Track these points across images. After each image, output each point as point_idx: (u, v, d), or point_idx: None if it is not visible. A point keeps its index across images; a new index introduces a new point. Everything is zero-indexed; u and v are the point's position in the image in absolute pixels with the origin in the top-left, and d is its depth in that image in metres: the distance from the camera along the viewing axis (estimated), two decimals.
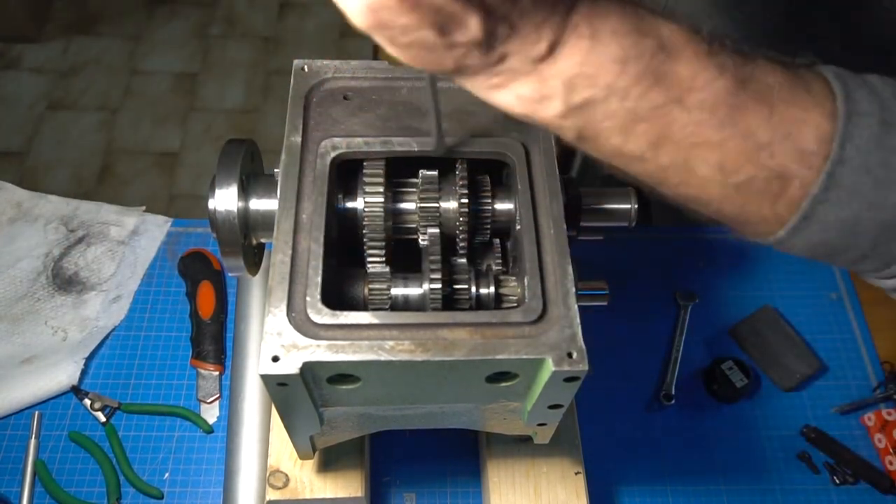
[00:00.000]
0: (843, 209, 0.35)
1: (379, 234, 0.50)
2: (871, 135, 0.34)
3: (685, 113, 0.33)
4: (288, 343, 0.43)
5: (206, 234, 0.87)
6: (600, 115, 0.33)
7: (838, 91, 0.35)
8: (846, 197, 0.35)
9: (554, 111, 0.33)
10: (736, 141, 0.34)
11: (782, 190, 0.35)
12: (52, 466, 0.72)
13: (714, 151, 0.34)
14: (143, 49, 2.17)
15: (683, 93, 0.33)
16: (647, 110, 0.33)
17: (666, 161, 0.35)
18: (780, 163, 0.34)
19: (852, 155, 0.34)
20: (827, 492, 0.74)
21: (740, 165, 0.34)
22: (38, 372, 0.76)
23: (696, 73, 0.33)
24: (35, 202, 0.89)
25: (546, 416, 0.52)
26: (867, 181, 0.34)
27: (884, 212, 0.35)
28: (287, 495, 0.63)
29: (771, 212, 0.36)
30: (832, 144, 0.34)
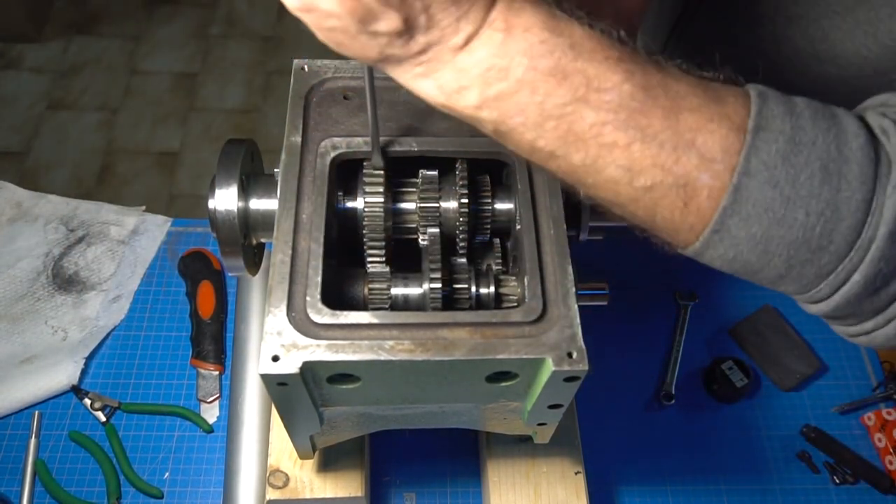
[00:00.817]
0: (752, 224, 0.36)
1: (379, 233, 0.50)
2: (778, 150, 0.35)
3: (592, 112, 0.35)
4: (288, 343, 0.43)
5: (206, 234, 0.87)
6: (513, 108, 0.35)
7: (753, 106, 0.36)
8: (754, 211, 0.35)
9: (471, 101, 0.35)
10: (640, 144, 0.35)
11: (690, 198, 0.36)
12: (52, 466, 0.72)
13: (621, 153, 0.35)
14: (143, 49, 2.17)
15: (590, 92, 0.34)
16: (555, 107, 0.35)
17: (577, 160, 0.36)
18: (685, 169, 0.35)
19: (759, 168, 0.35)
20: (827, 491, 0.74)
21: (646, 168, 0.35)
22: (39, 371, 0.76)
23: (603, 75, 0.35)
24: (35, 202, 0.89)
25: (546, 415, 0.52)
26: (775, 196, 0.35)
27: (793, 230, 0.36)
28: (287, 495, 0.63)
29: (682, 220, 0.37)
30: (739, 157, 0.35)
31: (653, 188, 0.36)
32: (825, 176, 0.35)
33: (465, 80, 0.35)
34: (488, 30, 0.34)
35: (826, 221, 0.35)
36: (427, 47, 0.34)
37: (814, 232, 0.36)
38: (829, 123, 0.36)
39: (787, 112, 0.36)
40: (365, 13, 0.32)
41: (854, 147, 0.36)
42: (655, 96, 0.35)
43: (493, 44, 0.34)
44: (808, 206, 0.35)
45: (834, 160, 0.35)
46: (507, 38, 0.34)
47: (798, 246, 0.36)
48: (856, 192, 0.35)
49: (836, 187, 0.35)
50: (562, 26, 0.35)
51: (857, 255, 0.36)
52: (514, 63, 0.34)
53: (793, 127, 0.35)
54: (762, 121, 0.35)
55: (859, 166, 0.35)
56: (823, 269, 0.37)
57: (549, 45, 0.34)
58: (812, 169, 0.35)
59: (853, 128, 0.36)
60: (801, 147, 0.35)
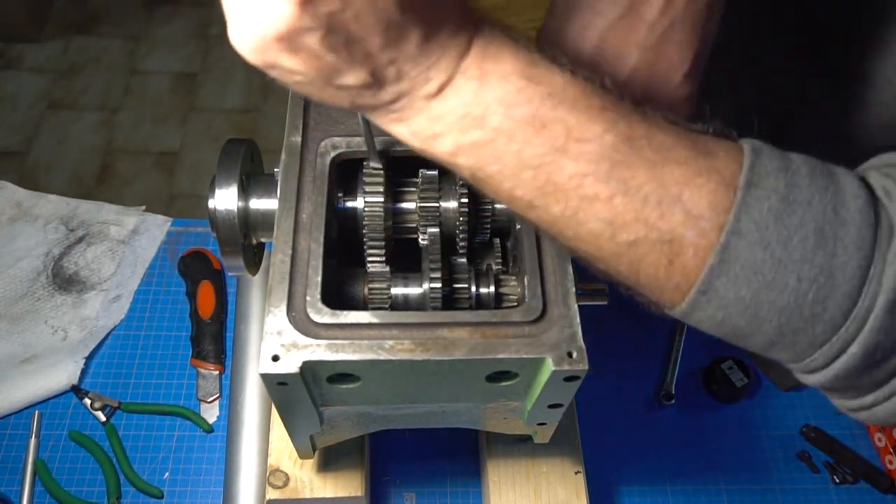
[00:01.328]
0: (740, 287, 0.34)
1: (379, 233, 0.50)
2: (771, 209, 0.33)
3: (572, 163, 0.33)
4: (288, 342, 0.43)
5: (206, 234, 0.87)
6: (489, 157, 0.34)
7: (746, 161, 0.34)
8: (743, 273, 0.33)
9: (445, 148, 0.34)
10: (623, 197, 0.33)
11: (675, 256, 0.34)
12: (52, 466, 0.72)
13: (602, 206, 0.34)
14: (143, 49, 2.17)
15: (569, 142, 0.33)
16: (533, 156, 0.33)
17: (556, 211, 0.35)
18: (671, 225, 0.33)
19: (749, 228, 0.33)
20: (827, 491, 0.74)
21: (629, 223, 0.34)
22: (39, 371, 0.76)
23: (584, 125, 0.33)
24: (35, 202, 0.89)
25: (546, 415, 0.52)
26: (766, 258, 0.33)
27: (784, 295, 0.33)
28: (287, 494, 0.63)
29: (667, 278, 0.35)
30: (728, 214, 0.33)
31: (636, 244, 0.34)
32: (820, 239, 0.33)
33: (440, 127, 0.34)
34: (462, 77, 0.33)
35: (819, 288, 0.33)
36: (398, 97, 0.33)
37: (806, 298, 0.33)
38: (827, 182, 0.34)
39: (781, 168, 0.34)
40: (329, 70, 0.31)
41: (852, 209, 0.33)
42: (640, 148, 0.33)
43: (468, 91, 0.33)
44: (800, 270, 0.33)
45: (830, 222, 0.33)
46: (481, 85, 0.33)
47: (790, 312, 0.34)
48: (852, 258, 0.33)
49: (831, 252, 0.33)
50: (541, 74, 0.33)
51: (854, 326, 0.34)
52: (489, 111, 0.33)
53: (787, 184, 0.33)
54: (754, 176, 0.33)
55: (857, 229, 0.33)
56: (817, 338, 0.35)
57: (526, 94, 0.33)
58: (806, 231, 0.33)
59: (852, 188, 0.34)
60: (796, 206, 0.33)
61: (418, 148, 0.35)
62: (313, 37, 0.30)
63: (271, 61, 0.31)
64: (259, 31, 0.30)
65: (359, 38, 0.30)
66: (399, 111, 0.34)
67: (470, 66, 0.33)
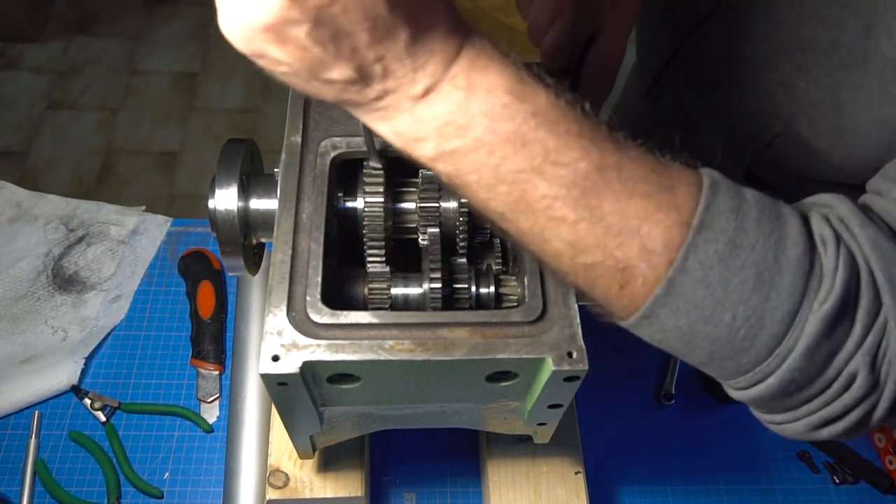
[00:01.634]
0: (680, 317, 0.36)
1: (379, 233, 0.50)
2: (717, 251, 0.35)
3: (545, 184, 0.34)
4: (288, 342, 0.43)
5: (206, 234, 0.87)
6: (468, 166, 0.35)
7: (702, 201, 0.36)
8: (684, 306, 0.36)
9: (427, 152, 0.35)
10: (587, 223, 0.35)
11: (626, 283, 0.36)
12: (52, 466, 0.72)
13: (567, 228, 0.35)
14: (143, 49, 2.17)
15: (546, 164, 0.34)
16: (510, 172, 0.35)
17: (525, 227, 0.36)
18: (627, 255, 0.35)
19: (695, 267, 0.35)
20: (827, 491, 0.74)
21: (589, 247, 0.36)
22: (38, 371, 0.76)
23: (561, 149, 0.34)
24: (35, 202, 0.89)
25: (546, 415, 0.52)
26: (706, 296, 0.35)
27: (718, 329, 0.36)
28: (287, 495, 0.63)
29: (616, 300, 0.37)
30: (678, 252, 0.35)
31: (593, 267, 0.36)
32: (757, 283, 0.35)
33: (423, 131, 0.34)
34: (449, 85, 0.33)
35: (750, 327, 0.36)
36: (383, 94, 0.34)
37: (738, 334, 0.36)
38: (773, 226, 0.36)
39: (733, 210, 0.36)
40: (315, 63, 0.32)
41: (791, 256, 0.36)
42: (609, 178, 0.35)
43: (454, 100, 0.34)
44: (735, 309, 0.36)
45: (769, 268, 0.35)
46: (468, 96, 0.33)
47: (721, 344, 0.37)
48: (783, 304, 0.36)
49: (765, 296, 0.35)
50: (527, 92, 0.34)
51: (775, 362, 0.37)
52: (473, 122, 0.34)
53: (736, 228, 0.35)
54: (707, 218, 0.35)
55: (792, 278, 0.35)
56: (743, 367, 0.38)
57: (510, 110, 0.34)
58: (746, 274, 0.35)
59: (794, 233, 0.36)
60: (740, 250, 0.35)
61: (400, 147, 0.36)
62: (301, 29, 0.30)
63: (259, 51, 0.32)
64: (247, 21, 0.30)
65: (346, 32, 0.31)
66: (384, 109, 0.34)
67: (458, 75, 0.33)
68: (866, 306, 0.36)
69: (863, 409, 0.38)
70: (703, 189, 0.36)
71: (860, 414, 0.38)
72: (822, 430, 0.39)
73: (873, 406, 0.38)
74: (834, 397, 0.37)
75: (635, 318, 0.37)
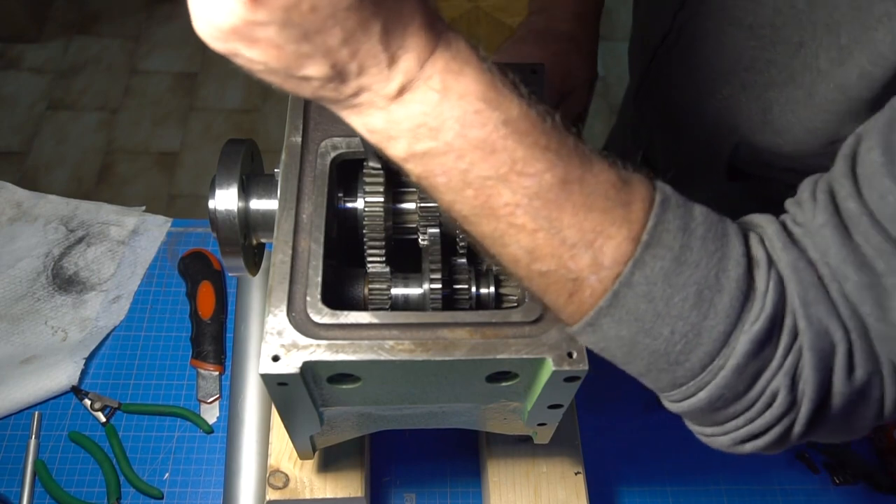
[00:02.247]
0: (622, 328, 0.38)
1: (379, 233, 0.50)
2: (662, 268, 0.36)
3: (509, 192, 0.35)
4: (288, 343, 0.43)
5: (206, 234, 0.87)
6: (437, 168, 0.36)
7: (652, 217, 0.37)
8: (626, 318, 0.37)
9: (399, 151, 0.36)
10: (546, 233, 0.36)
11: (575, 291, 0.38)
12: (52, 466, 0.72)
13: (526, 236, 0.37)
14: (143, 49, 2.17)
15: (512, 173, 0.35)
16: (477, 178, 0.35)
17: (486, 230, 0.37)
18: (579, 267, 0.37)
19: (640, 282, 0.37)
20: (827, 492, 0.74)
21: (545, 256, 0.37)
22: (38, 372, 0.76)
23: (528, 160, 0.35)
24: (35, 202, 0.89)
25: (546, 415, 0.52)
26: (648, 309, 0.37)
27: (657, 342, 0.38)
28: (287, 495, 0.63)
29: (565, 306, 0.39)
30: (625, 266, 0.37)
31: (547, 274, 0.38)
32: (698, 301, 0.37)
33: (395, 130, 0.35)
34: (424, 86, 0.34)
35: (687, 343, 0.37)
36: (359, 91, 0.34)
37: (675, 348, 0.38)
38: (717, 246, 0.37)
39: (681, 227, 0.37)
40: (290, 61, 0.32)
41: (731, 277, 0.37)
42: (570, 191, 0.36)
43: (428, 102, 0.34)
44: (674, 325, 0.37)
45: (710, 287, 0.37)
46: (442, 99, 0.34)
47: (659, 356, 0.38)
48: (720, 324, 0.37)
49: (704, 314, 0.37)
50: (499, 100, 0.35)
51: (707, 378, 0.38)
52: (445, 126, 0.34)
53: (682, 246, 0.37)
54: (655, 235, 0.37)
55: (730, 298, 0.37)
56: (677, 379, 0.39)
57: (482, 117, 0.34)
58: (688, 292, 0.37)
59: (736, 255, 0.37)
60: (684, 268, 0.37)
61: (372, 143, 0.37)
62: (269, 29, 0.30)
63: (231, 50, 0.32)
64: (215, 23, 0.30)
65: (317, 30, 0.31)
66: (359, 106, 0.35)
67: (433, 76, 0.34)
68: (789, 328, 0.37)
69: (782, 427, 0.40)
70: (654, 206, 0.37)
71: (780, 431, 0.40)
72: (746, 444, 0.41)
73: (792, 423, 0.40)
74: (757, 415, 0.39)
75: (580, 325, 0.39)
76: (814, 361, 0.37)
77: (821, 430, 0.40)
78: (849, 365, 0.37)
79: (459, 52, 0.35)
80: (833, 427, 0.40)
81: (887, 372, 0.38)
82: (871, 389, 0.39)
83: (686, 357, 0.38)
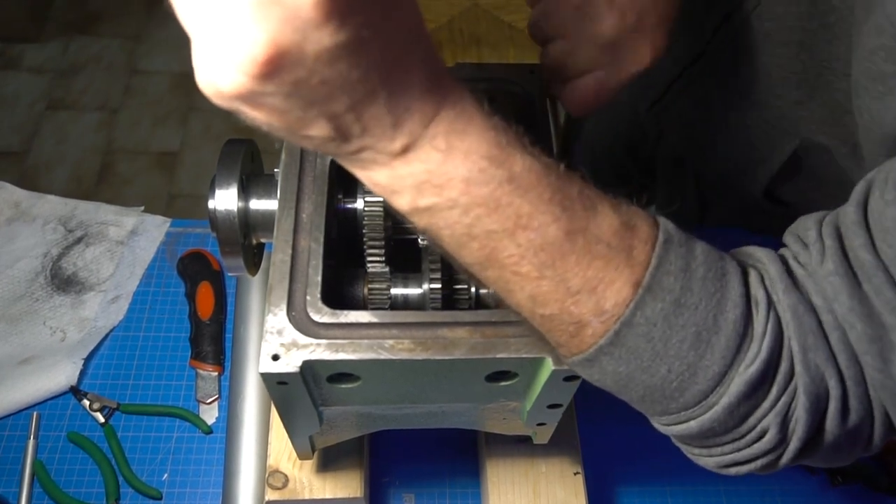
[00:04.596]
0: (620, 365, 0.39)
1: (379, 233, 0.50)
2: (662, 310, 0.37)
3: (514, 245, 0.36)
4: (288, 342, 0.43)
5: (205, 235, 0.87)
6: (442, 221, 0.36)
7: (654, 259, 0.37)
8: (625, 356, 0.38)
9: (403, 205, 0.36)
10: (550, 282, 0.37)
11: (577, 332, 0.39)
12: (50, 467, 0.72)
13: (531, 284, 0.37)
14: (142, 49, 2.17)
15: (517, 228, 0.36)
16: (482, 232, 0.36)
17: (491, 278, 0.39)
18: (582, 312, 0.38)
19: (640, 322, 0.37)
20: (825, 492, 0.74)
21: (549, 303, 0.38)
22: (37, 372, 0.76)
23: (533, 214, 0.36)
24: (33, 202, 0.89)
25: (545, 415, 0.52)
26: (647, 349, 0.38)
27: (654, 378, 0.39)
28: (286, 496, 0.63)
29: (565, 344, 0.40)
30: (627, 308, 0.37)
31: (551, 318, 0.39)
32: (695, 342, 0.37)
33: (399, 186, 0.35)
34: (428, 145, 0.34)
35: (683, 381, 0.38)
36: (362, 149, 0.34)
37: (670, 385, 0.39)
38: (716, 287, 0.38)
39: (681, 269, 0.38)
40: (292, 123, 0.32)
41: (729, 319, 0.37)
42: (574, 241, 0.37)
43: (432, 161, 0.34)
44: (671, 364, 0.38)
45: (707, 329, 0.37)
46: (446, 158, 0.34)
47: (653, 390, 0.40)
48: (715, 364, 0.38)
49: (700, 354, 0.38)
50: (504, 157, 0.35)
51: (699, 412, 0.39)
52: (449, 184, 0.35)
53: (682, 288, 0.37)
54: (656, 278, 0.37)
55: (727, 340, 0.37)
56: (669, 410, 0.41)
57: (487, 175, 0.35)
58: (686, 333, 0.37)
59: (735, 296, 0.38)
60: (684, 310, 0.37)
61: (378, 194, 0.37)
62: (274, 98, 0.30)
63: (234, 110, 0.32)
64: (219, 87, 0.30)
65: (324, 100, 0.31)
66: (362, 162, 0.35)
67: (437, 136, 0.34)
68: (784, 371, 0.38)
69: (768, 459, 0.41)
70: (657, 247, 0.38)
71: (765, 462, 0.41)
72: (731, 468, 0.42)
73: (778, 457, 0.40)
74: (745, 446, 0.40)
75: (578, 359, 0.40)
76: (808, 405, 0.38)
77: (807, 461, 0.41)
78: (843, 410, 0.38)
79: (465, 110, 0.35)
80: (819, 458, 0.41)
81: (878, 413, 0.39)
82: (863, 429, 0.39)
83: (680, 393, 0.39)
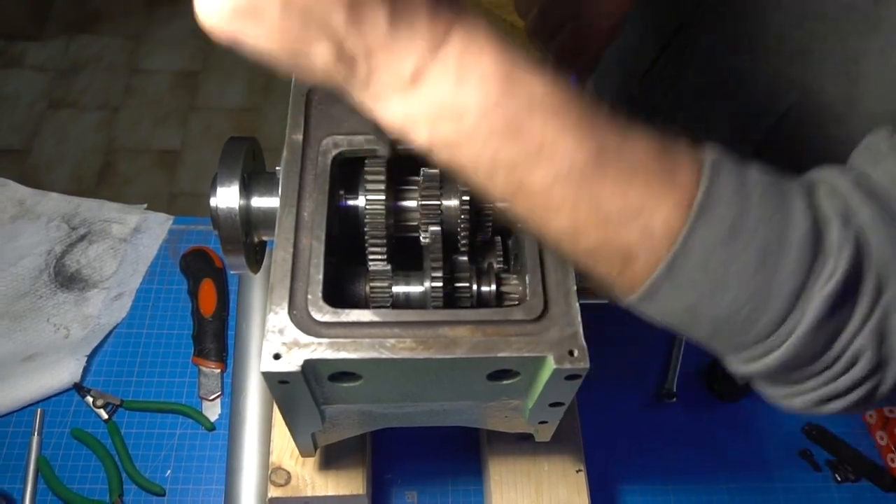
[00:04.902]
0: (679, 299, 0.36)
1: (380, 231, 0.50)
2: (718, 236, 0.34)
3: (541, 171, 0.34)
4: (289, 340, 0.43)
5: (207, 232, 0.87)
6: (463, 154, 0.34)
7: (703, 182, 0.35)
8: (684, 287, 0.36)
9: (421, 139, 0.34)
10: (586, 211, 0.35)
11: (627, 265, 0.36)
12: (54, 463, 0.72)
13: (567, 215, 0.35)
14: (144, 47, 2.17)
15: (542, 152, 0.33)
16: (506, 161, 0.34)
17: (524, 210, 0.36)
18: (626, 241, 0.35)
19: (695, 249, 0.35)
20: (828, 489, 0.74)
21: (589, 232, 0.35)
22: (41, 369, 0.76)
23: (558, 137, 0.33)
24: (37, 200, 0.89)
25: (547, 414, 0.52)
26: (704, 279, 0.35)
27: (720, 308, 0.36)
28: (289, 493, 0.63)
29: (618, 281, 0.37)
30: (679, 235, 0.35)
31: (594, 252, 0.36)
32: (760, 266, 0.35)
33: (414, 117, 0.34)
34: (440, 67, 0.32)
35: (753, 308, 0.35)
36: (370, 75, 0.33)
37: (739, 314, 0.36)
38: (777, 207, 0.35)
39: (735, 191, 0.35)
40: (294, 43, 0.31)
41: (796, 237, 0.35)
42: (607, 164, 0.34)
43: (445, 86, 0.33)
44: (737, 291, 0.35)
45: (772, 251, 0.35)
46: (460, 83, 0.32)
47: (722, 322, 0.36)
48: (786, 285, 0.35)
49: (768, 278, 0.35)
50: (522, 79, 0.33)
51: (778, 340, 0.36)
52: (466, 111, 0.33)
53: (738, 212, 0.35)
54: (707, 201, 0.35)
55: (795, 260, 0.35)
56: (744, 344, 0.37)
57: (505, 100, 0.33)
58: (748, 258, 0.35)
59: (798, 213, 0.35)
60: (742, 234, 0.35)
61: (394, 131, 0.35)
62: (272, 8, 0.30)
63: (235, 33, 0.31)
64: (218, 4, 0.30)
65: (321, 10, 0.30)
66: (373, 92, 0.33)
67: (449, 58, 0.32)
68: (871, 285, 0.35)
69: (867, 387, 0.37)
70: (705, 169, 0.35)
71: (865, 391, 0.37)
72: (828, 405, 0.39)
73: (879, 383, 0.37)
74: (839, 374, 0.37)
75: (635, 297, 0.37)
76: None
77: None
78: None
79: (477, 31, 0.33)
80: None
81: None
82: None
83: (752, 323, 0.36)
